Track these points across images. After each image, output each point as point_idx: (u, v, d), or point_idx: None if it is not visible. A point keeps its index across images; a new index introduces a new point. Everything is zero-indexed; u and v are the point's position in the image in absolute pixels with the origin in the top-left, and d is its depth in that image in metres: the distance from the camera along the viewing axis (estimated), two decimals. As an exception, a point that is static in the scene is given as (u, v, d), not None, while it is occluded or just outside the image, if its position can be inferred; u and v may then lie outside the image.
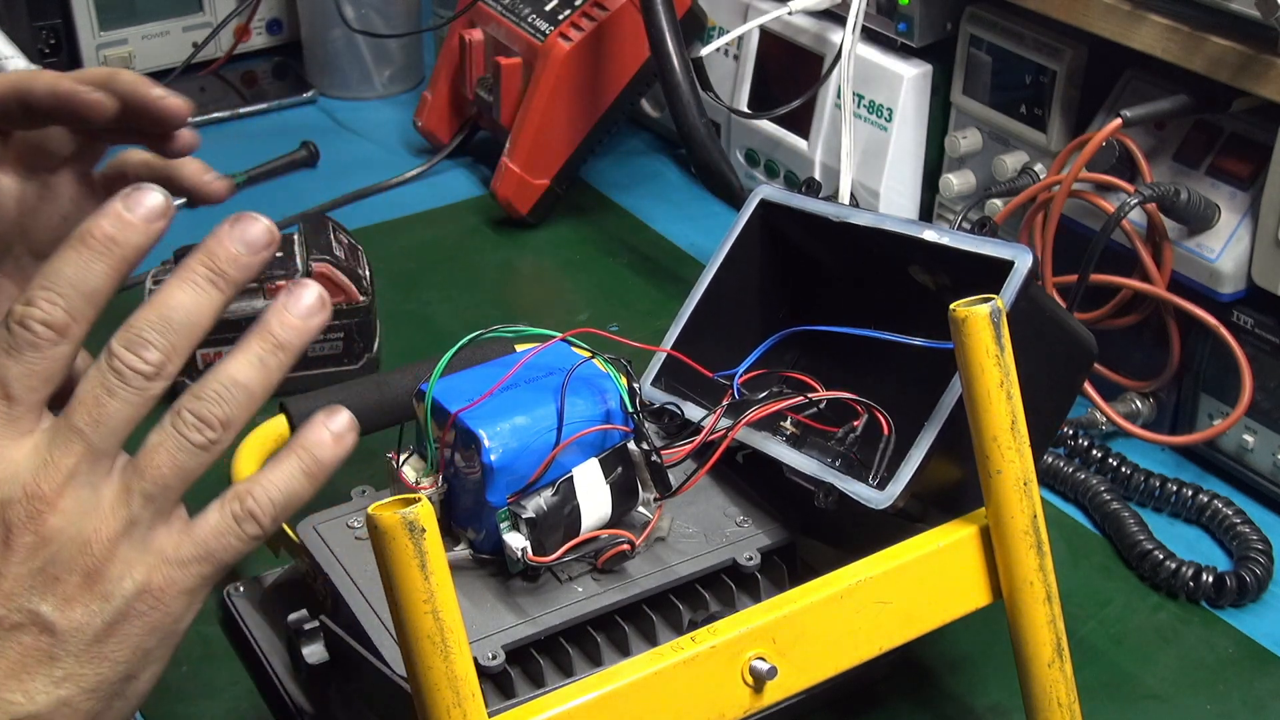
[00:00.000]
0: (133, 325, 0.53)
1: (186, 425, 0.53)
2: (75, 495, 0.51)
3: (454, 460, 0.70)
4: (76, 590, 0.51)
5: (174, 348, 0.53)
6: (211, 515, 0.54)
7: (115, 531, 0.52)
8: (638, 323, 1.09)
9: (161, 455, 0.53)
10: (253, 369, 0.54)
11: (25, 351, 0.51)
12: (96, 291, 0.52)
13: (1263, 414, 0.90)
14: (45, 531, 0.51)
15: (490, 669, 0.66)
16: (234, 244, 0.54)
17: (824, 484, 0.70)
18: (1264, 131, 0.87)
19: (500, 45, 1.25)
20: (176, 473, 0.53)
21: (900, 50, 1.11)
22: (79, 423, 0.52)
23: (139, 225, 0.52)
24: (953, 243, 0.71)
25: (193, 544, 0.54)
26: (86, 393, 0.52)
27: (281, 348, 0.55)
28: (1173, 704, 0.78)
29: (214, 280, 0.53)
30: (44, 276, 0.52)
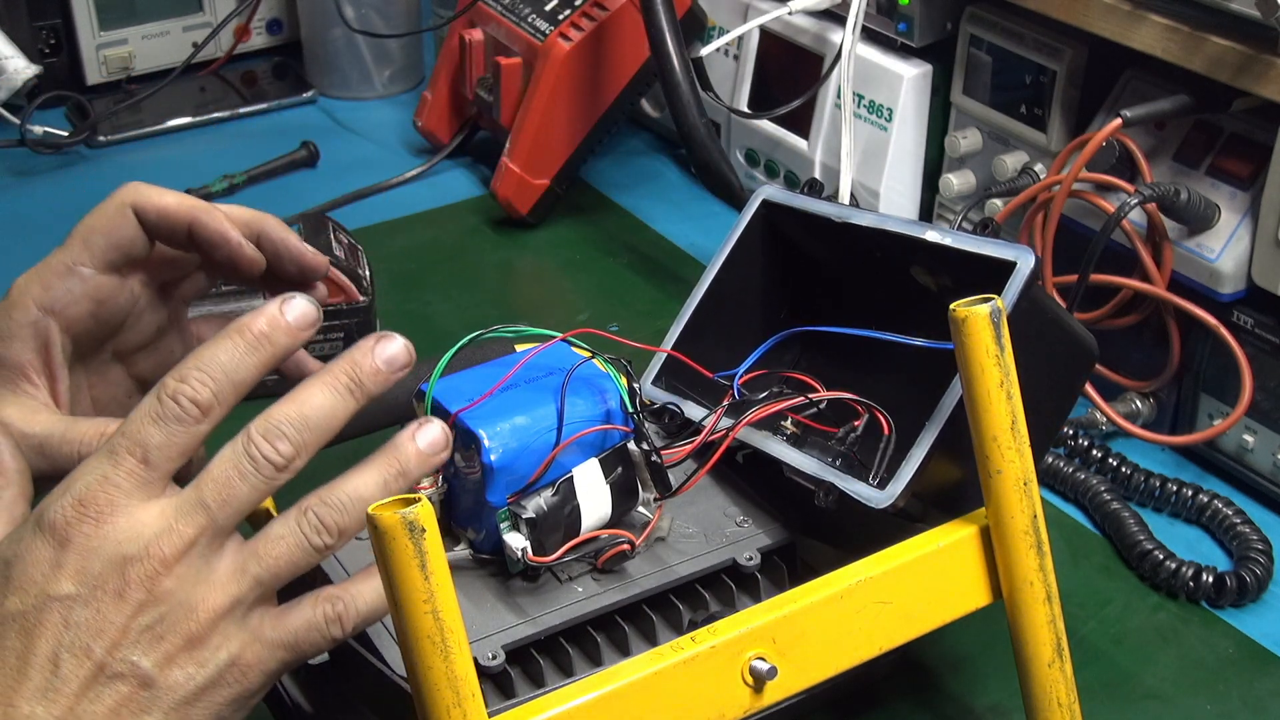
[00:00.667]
0: (272, 416, 0.57)
1: (312, 528, 0.57)
2: (190, 564, 0.55)
3: (454, 460, 0.70)
4: (178, 651, 0.55)
5: (305, 444, 0.57)
6: (305, 609, 0.58)
7: (222, 605, 0.56)
8: (638, 323, 1.09)
9: (282, 548, 0.57)
10: (376, 489, 0.59)
11: (171, 423, 0.55)
12: (243, 382, 0.57)
13: (1263, 414, 0.90)
14: (158, 592, 0.54)
15: (490, 669, 0.66)
16: (377, 360, 0.59)
17: (824, 483, 0.70)
18: (1264, 131, 0.87)
19: (500, 45, 1.25)
20: (290, 566, 0.57)
21: (900, 50, 1.11)
22: (207, 498, 0.55)
23: (292, 330, 0.58)
24: (955, 243, 0.71)
25: (284, 630, 0.58)
26: (219, 472, 0.56)
27: (404, 475, 0.59)
28: (1173, 704, 0.78)
29: (352, 390, 0.58)
30: (199, 359, 0.56)
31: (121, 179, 0.66)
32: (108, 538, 0.54)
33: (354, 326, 0.99)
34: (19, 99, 1.36)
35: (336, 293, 0.98)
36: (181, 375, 0.56)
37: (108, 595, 0.54)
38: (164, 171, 1.33)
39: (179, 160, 1.37)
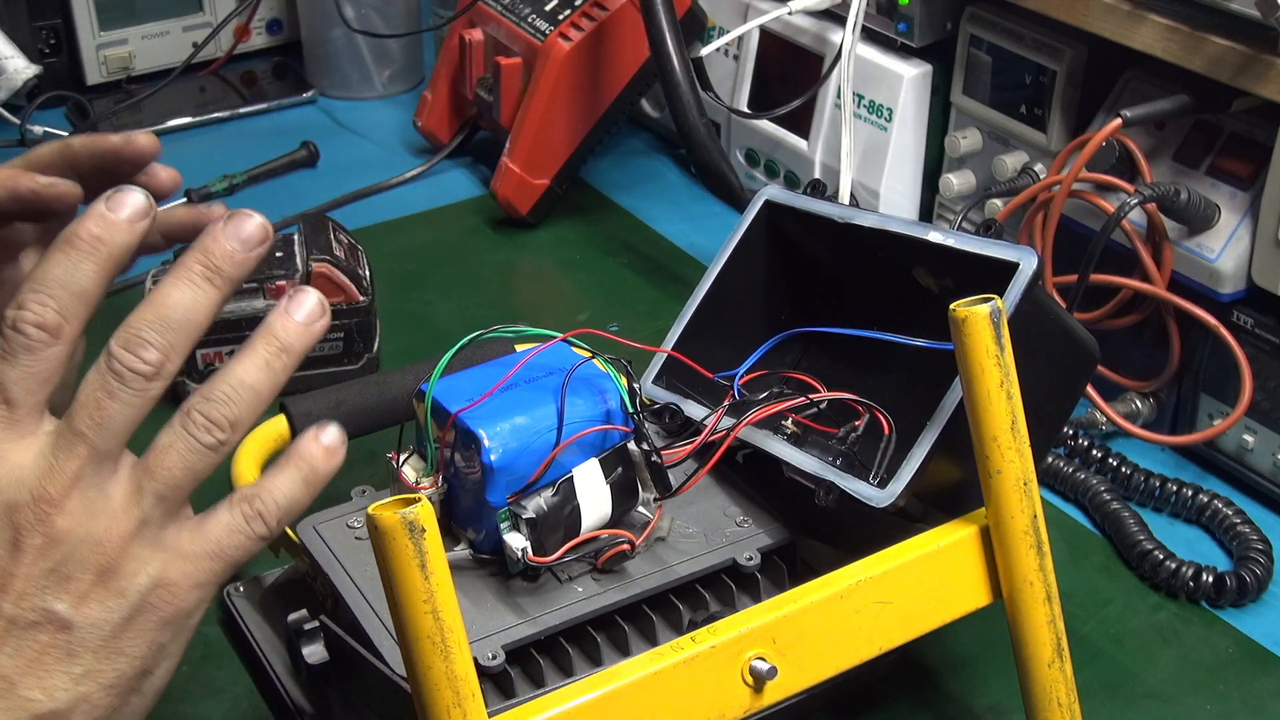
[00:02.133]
0: (130, 325, 0.53)
1: (197, 426, 0.54)
2: (82, 496, 0.52)
3: (454, 460, 0.70)
4: (91, 587, 0.52)
5: (172, 346, 0.54)
6: (222, 514, 0.56)
7: (128, 530, 0.53)
8: (638, 323, 1.09)
9: (172, 456, 0.54)
10: (259, 371, 0.55)
11: (20, 355, 0.52)
12: (86, 291, 0.53)
13: (1263, 414, 0.90)
14: (54, 533, 0.52)
15: (490, 669, 0.66)
16: (229, 241, 0.55)
17: (825, 482, 0.70)
18: (1264, 131, 0.87)
19: (500, 45, 1.25)
20: (187, 473, 0.54)
21: (900, 50, 1.11)
22: (81, 426, 0.53)
23: (123, 225, 0.54)
24: (958, 244, 0.71)
25: (205, 540, 0.55)
26: (87, 395, 0.53)
27: (286, 350, 0.56)
28: (1173, 704, 0.78)
29: (210, 278, 0.54)
30: (33, 280, 0.53)
31: (121, 179, 0.66)
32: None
33: (354, 326, 0.99)
34: (19, 99, 1.36)
35: (336, 293, 0.97)
36: (20, 302, 0.53)
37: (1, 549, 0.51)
38: (164, 171, 1.33)
39: (179, 160, 1.35)
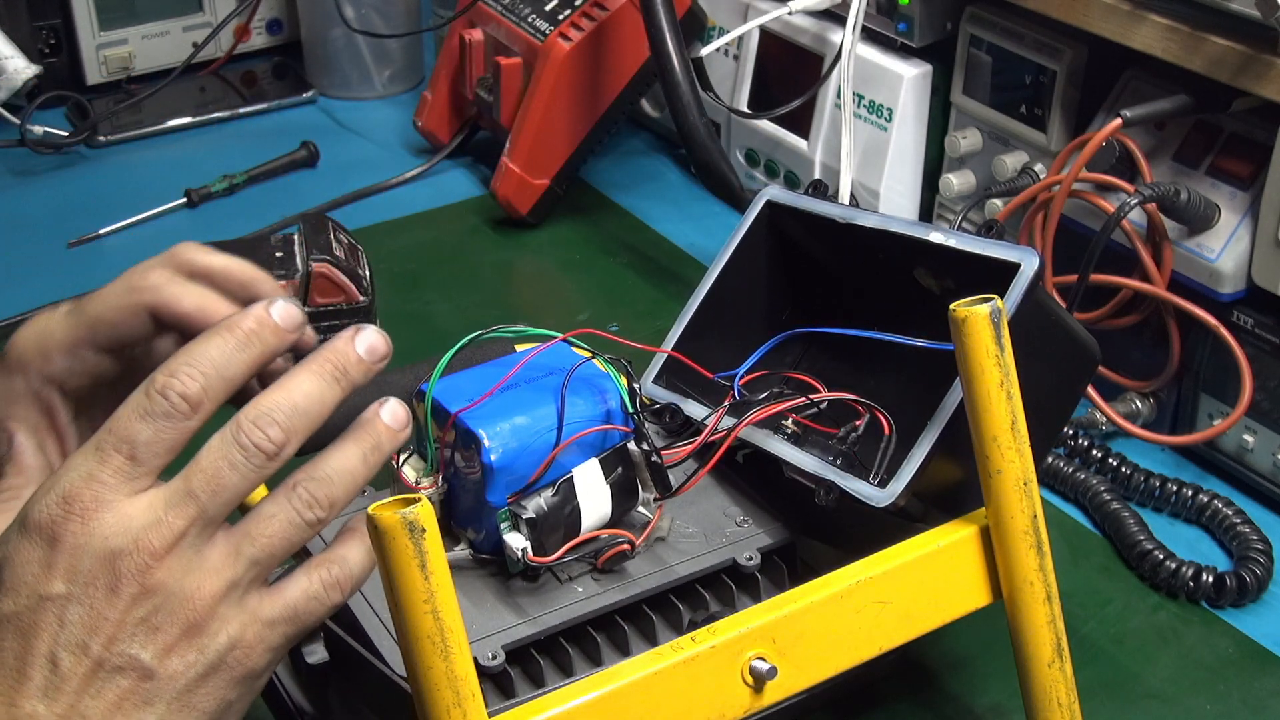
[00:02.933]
0: (262, 404, 0.57)
1: (303, 503, 0.58)
2: (182, 554, 0.55)
3: (454, 460, 0.70)
4: (176, 641, 0.55)
5: (295, 431, 0.57)
6: (301, 580, 0.59)
7: (218, 590, 0.56)
8: (638, 323, 1.09)
9: (275, 526, 0.57)
10: (359, 462, 0.59)
11: (159, 419, 0.55)
12: (232, 379, 0.57)
13: (1263, 414, 0.90)
14: (151, 584, 0.54)
15: (490, 669, 0.66)
16: (359, 349, 0.60)
17: (825, 481, 0.70)
18: (1264, 131, 0.87)
19: (500, 45, 1.25)
20: (284, 544, 0.58)
21: (900, 50, 1.11)
22: (197, 488, 0.55)
23: (279, 329, 0.59)
24: (960, 245, 0.71)
25: (283, 606, 0.58)
26: (208, 462, 0.56)
27: (378, 449, 0.60)
28: (1173, 704, 0.78)
29: (338, 378, 0.59)
30: (189, 354, 0.56)
31: (121, 179, 0.66)
32: (95, 534, 0.54)
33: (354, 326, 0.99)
34: (19, 99, 1.36)
35: (336, 292, 0.97)
36: (171, 370, 0.56)
37: (100, 591, 0.54)
38: (164, 171, 1.33)
39: (179, 160, 1.37)
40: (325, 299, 0.88)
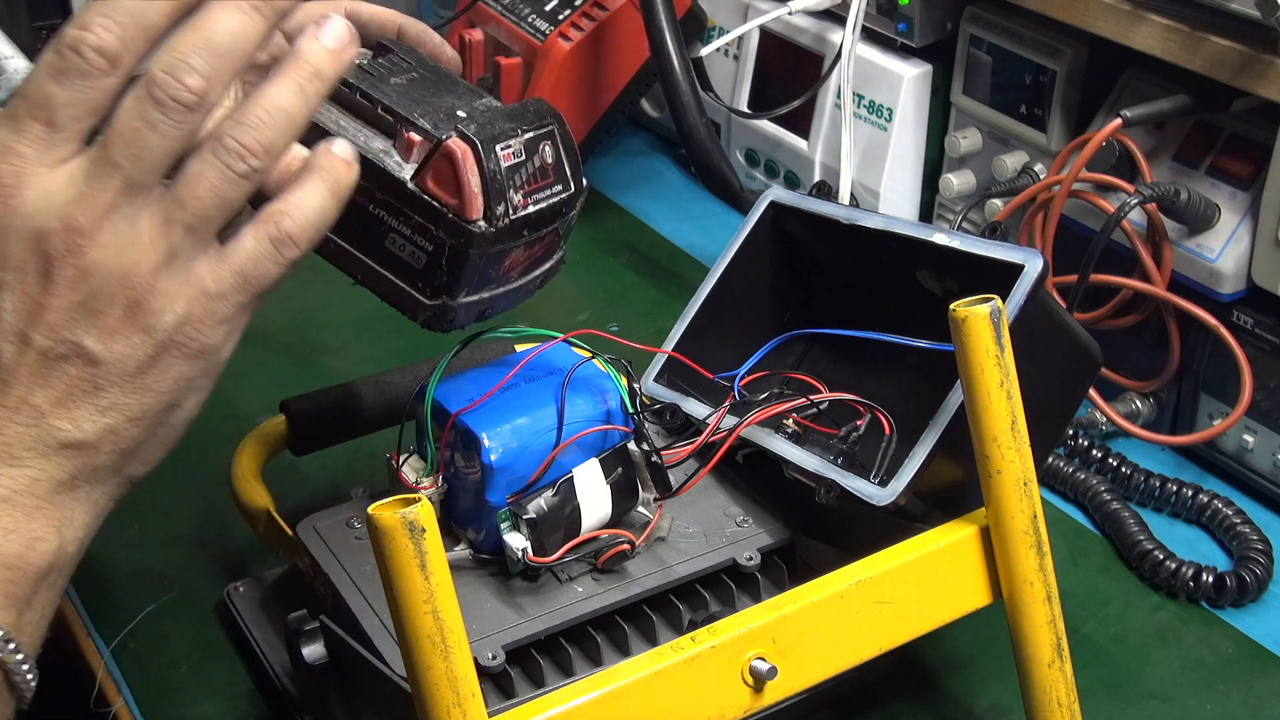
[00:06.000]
0: (173, 49, 0.51)
1: (229, 153, 0.52)
2: (114, 229, 0.51)
3: (454, 460, 0.70)
4: (119, 323, 0.52)
5: (216, 75, 0.51)
6: (247, 242, 0.54)
7: (156, 264, 0.52)
8: (638, 323, 1.09)
9: (203, 185, 0.52)
10: (293, 95, 0.53)
11: (74, 79, 0.50)
12: (153, 27, 0.51)
13: (1263, 414, 0.90)
14: (85, 264, 0.51)
15: (490, 669, 0.66)
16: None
17: (826, 480, 0.70)
18: (1264, 131, 0.87)
19: (500, 45, 1.25)
20: (218, 203, 0.52)
21: (900, 50, 1.11)
22: (117, 156, 0.51)
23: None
24: (963, 246, 0.71)
25: (231, 273, 0.53)
26: (125, 124, 0.51)
27: (318, 75, 0.54)
28: (1173, 704, 0.78)
29: (258, 7, 0.53)
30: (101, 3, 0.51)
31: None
32: (18, 214, 0.50)
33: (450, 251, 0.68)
34: (19, 99, 1.36)
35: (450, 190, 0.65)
36: (83, 23, 0.51)
37: (31, 277, 0.51)
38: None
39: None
40: (435, 187, 0.63)
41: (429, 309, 0.65)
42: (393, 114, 0.63)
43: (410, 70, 0.67)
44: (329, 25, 0.55)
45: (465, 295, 0.65)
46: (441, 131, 0.63)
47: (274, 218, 0.54)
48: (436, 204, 0.63)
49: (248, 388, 1.00)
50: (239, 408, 0.97)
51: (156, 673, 0.78)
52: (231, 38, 0.52)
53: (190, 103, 0.51)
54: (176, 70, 0.51)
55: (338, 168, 0.56)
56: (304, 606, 0.72)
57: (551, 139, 0.68)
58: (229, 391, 0.99)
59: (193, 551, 0.86)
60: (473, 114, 0.65)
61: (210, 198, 0.52)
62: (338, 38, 0.55)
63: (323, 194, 0.55)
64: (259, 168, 0.53)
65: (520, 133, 0.66)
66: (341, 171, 0.56)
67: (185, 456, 0.55)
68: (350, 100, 0.64)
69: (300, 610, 0.72)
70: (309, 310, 1.10)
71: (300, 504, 0.81)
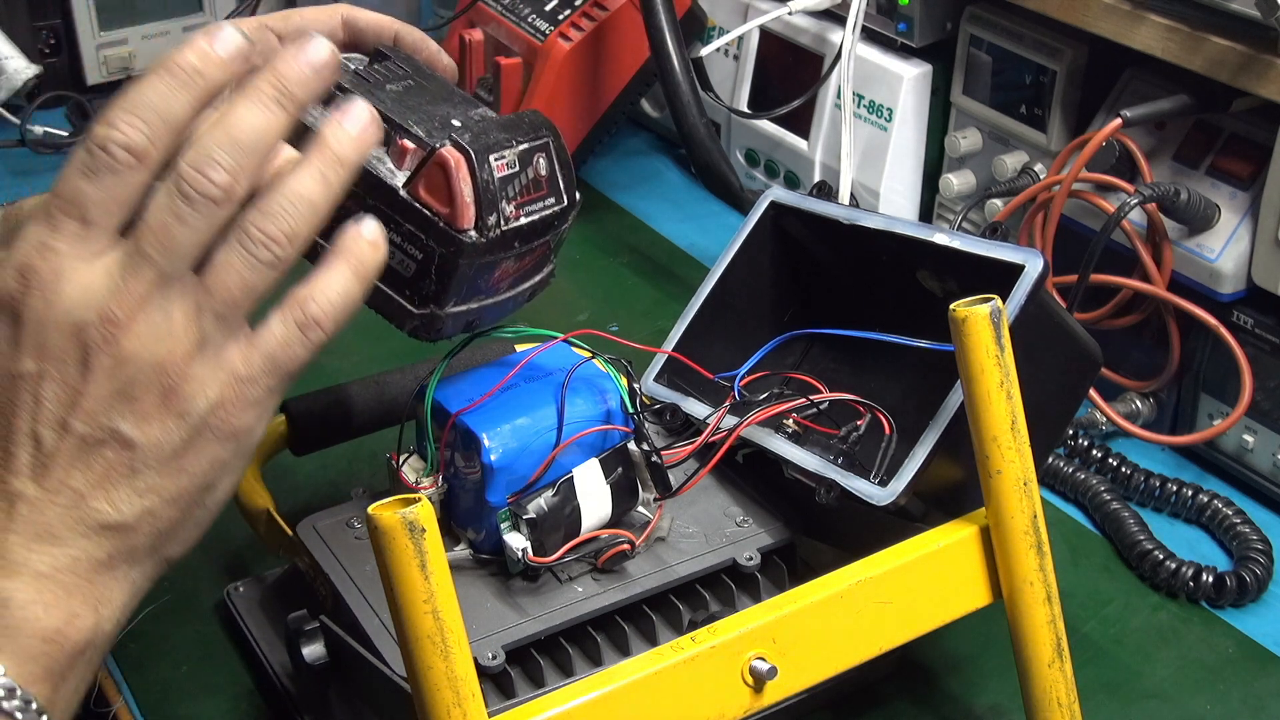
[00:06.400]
0: (200, 146, 0.53)
1: (254, 243, 0.54)
2: (148, 319, 0.53)
3: (454, 460, 0.70)
4: (154, 409, 0.53)
5: (242, 169, 0.53)
6: (275, 328, 0.55)
7: (188, 351, 0.53)
8: (638, 323, 1.09)
9: (230, 275, 0.54)
10: (315, 184, 0.55)
11: (104, 176, 0.52)
12: (178, 121, 0.53)
13: (1263, 414, 0.90)
14: (121, 354, 0.52)
15: (490, 669, 0.66)
16: (299, 64, 0.55)
17: (826, 480, 0.70)
18: (1264, 131, 0.87)
19: (500, 45, 1.25)
20: (245, 290, 0.54)
21: (900, 50, 1.11)
22: (148, 249, 0.52)
23: (222, 61, 0.54)
24: (964, 246, 0.71)
25: (260, 357, 0.55)
26: (155, 219, 0.53)
27: (340, 162, 0.55)
28: (1173, 704, 0.78)
29: (280, 100, 0.54)
30: (125, 102, 0.52)
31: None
32: (57, 307, 0.52)
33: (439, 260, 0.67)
34: (19, 99, 1.35)
35: (442, 199, 0.64)
36: (109, 121, 0.52)
37: (71, 367, 0.52)
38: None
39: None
40: (427, 196, 0.63)
41: (416, 318, 0.65)
42: (387, 121, 0.63)
43: (406, 77, 0.67)
44: (352, 111, 0.57)
45: (453, 305, 0.65)
46: (435, 140, 0.63)
47: (300, 302, 0.56)
48: (428, 212, 0.63)
49: (248, 388, 1.00)
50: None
51: (156, 673, 0.78)
52: (256, 133, 0.54)
53: (217, 197, 0.53)
54: (203, 166, 0.53)
55: (365, 251, 0.57)
56: (304, 606, 0.72)
57: (546, 151, 0.68)
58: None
59: (193, 551, 0.86)
60: (467, 123, 0.65)
61: (238, 287, 0.54)
62: (359, 122, 0.56)
63: (348, 278, 0.57)
64: (283, 256, 0.55)
65: (515, 144, 0.65)
66: (368, 254, 0.57)
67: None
68: None
69: (300, 610, 0.72)
70: (309, 310, 1.10)
71: (300, 504, 0.81)
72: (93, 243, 0.53)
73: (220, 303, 0.54)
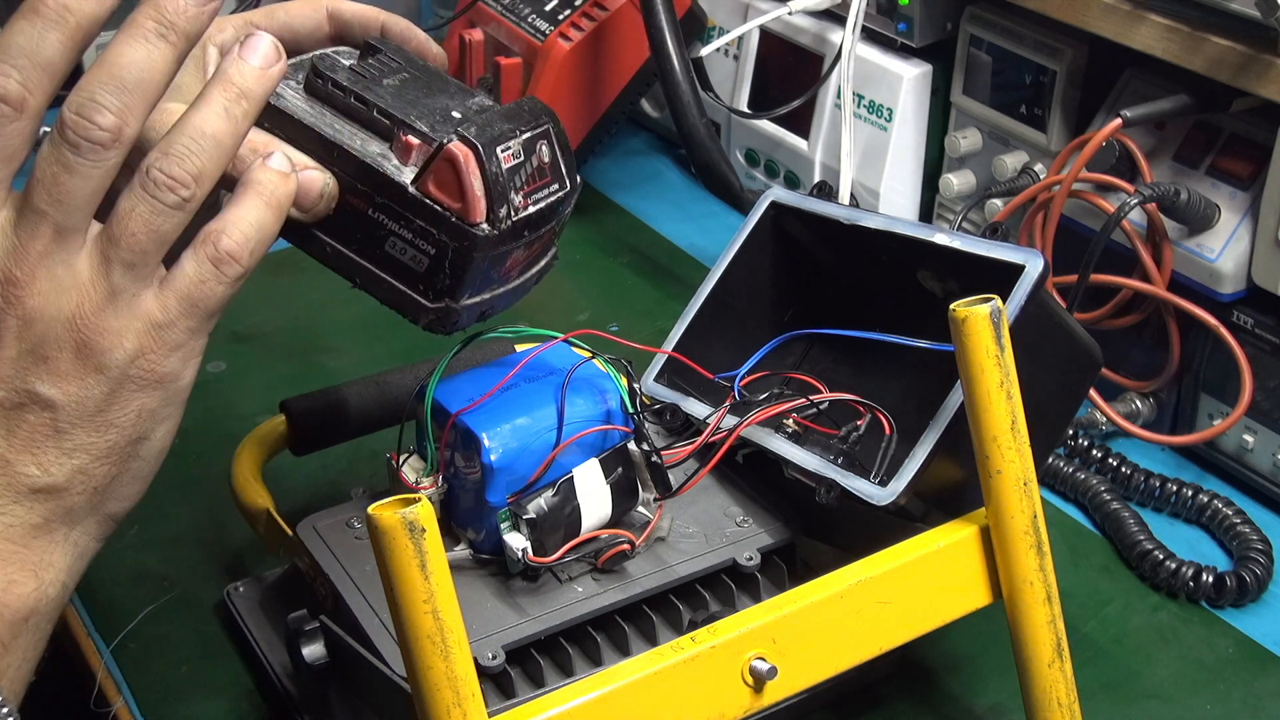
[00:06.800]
0: (82, 89, 0.51)
1: (157, 186, 0.52)
2: (50, 275, 0.51)
3: (454, 460, 0.70)
4: (69, 366, 0.52)
5: (129, 109, 0.51)
6: (187, 267, 0.53)
7: (99, 304, 0.52)
8: (638, 323, 1.09)
9: (135, 221, 0.52)
10: (219, 119, 0.53)
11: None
12: (52, 63, 0.51)
13: (1263, 414, 0.90)
14: (27, 314, 0.51)
15: (490, 669, 0.66)
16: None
17: (826, 480, 0.70)
18: (1264, 131, 0.87)
19: (500, 45, 1.25)
20: (152, 237, 0.52)
21: (900, 50, 1.11)
22: (40, 203, 0.51)
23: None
24: (964, 246, 0.71)
25: (176, 300, 0.53)
26: (44, 170, 0.51)
27: (245, 95, 0.54)
28: (1173, 704, 0.78)
29: (164, 34, 0.52)
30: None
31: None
32: None
33: (452, 254, 0.67)
34: (19, 99, 1.35)
35: (452, 194, 0.64)
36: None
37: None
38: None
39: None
40: (437, 191, 0.63)
41: (431, 312, 0.65)
42: (388, 117, 0.63)
43: (401, 70, 0.67)
44: (254, 42, 0.55)
45: (468, 297, 0.65)
46: (440, 134, 0.63)
47: (211, 238, 0.54)
48: (439, 208, 0.63)
49: (248, 388, 1.00)
50: (239, 408, 0.97)
51: (156, 673, 0.78)
52: (139, 70, 0.51)
53: (105, 140, 0.51)
54: (86, 110, 0.51)
55: (274, 180, 0.55)
56: (304, 606, 0.72)
57: (548, 138, 0.68)
58: (229, 391, 1.00)
59: (193, 551, 0.86)
60: (469, 115, 0.65)
61: (144, 233, 0.52)
62: (264, 55, 0.55)
63: (259, 208, 0.55)
64: (190, 197, 0.52)
65: (519, 133, 0.66)
66: (278, 184, 0.55)
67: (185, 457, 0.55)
68: (344, 104, 0.64)
69: (300, 610, 0.72)
70: (309, 310, 1.10)
71: (300, 504, 0.81)
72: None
73: (128, 250, 0.52)
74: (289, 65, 0.69)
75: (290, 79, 0.68)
